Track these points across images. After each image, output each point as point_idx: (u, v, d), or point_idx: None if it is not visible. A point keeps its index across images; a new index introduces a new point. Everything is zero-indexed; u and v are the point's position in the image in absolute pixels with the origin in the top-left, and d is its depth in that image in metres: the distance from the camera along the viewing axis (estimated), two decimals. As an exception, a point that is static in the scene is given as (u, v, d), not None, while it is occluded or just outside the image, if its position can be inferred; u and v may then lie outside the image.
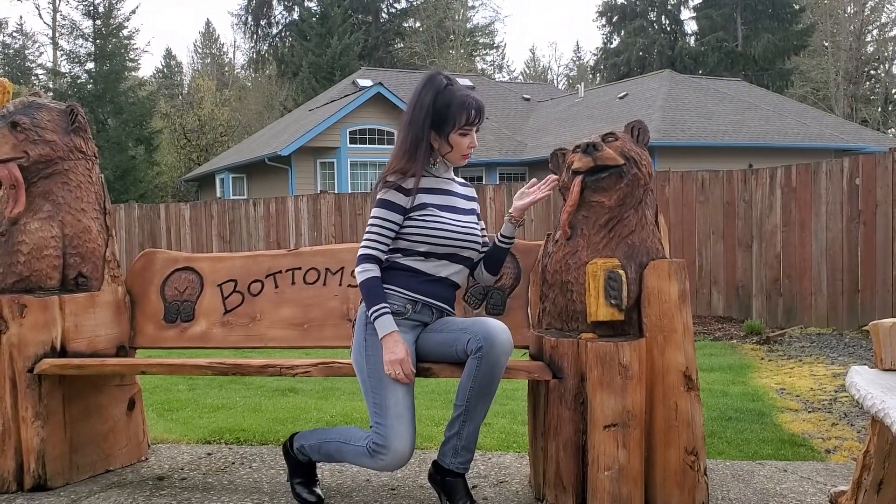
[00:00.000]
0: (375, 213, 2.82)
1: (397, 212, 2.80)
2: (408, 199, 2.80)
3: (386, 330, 2.74)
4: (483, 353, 2.67)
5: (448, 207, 2.88)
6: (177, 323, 3.59)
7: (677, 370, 2.86)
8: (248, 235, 13.14)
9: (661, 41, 41.48)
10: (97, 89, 29.03)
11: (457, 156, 2.88)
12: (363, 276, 2.79)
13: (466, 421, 2.74)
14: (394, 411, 2.72)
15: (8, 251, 3.35)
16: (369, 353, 2.79)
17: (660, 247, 2.99)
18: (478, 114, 2.84)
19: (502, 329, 2.71)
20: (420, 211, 2.81)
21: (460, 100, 2.82)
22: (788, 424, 4.49)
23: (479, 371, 2.69)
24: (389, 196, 2.80)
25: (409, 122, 2.84)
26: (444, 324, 2.88)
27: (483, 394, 2.71)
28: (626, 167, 2.93)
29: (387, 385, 2.73)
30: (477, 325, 2.74)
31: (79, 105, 3.58)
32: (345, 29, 36.63)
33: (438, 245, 2.82)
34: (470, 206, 2.98)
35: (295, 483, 3.09)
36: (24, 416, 3.23)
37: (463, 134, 2.83)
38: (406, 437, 2.71)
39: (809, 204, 8.38)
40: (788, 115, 23.72)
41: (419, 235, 2.81)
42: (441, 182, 2.91)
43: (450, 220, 2.84)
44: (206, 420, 4.57)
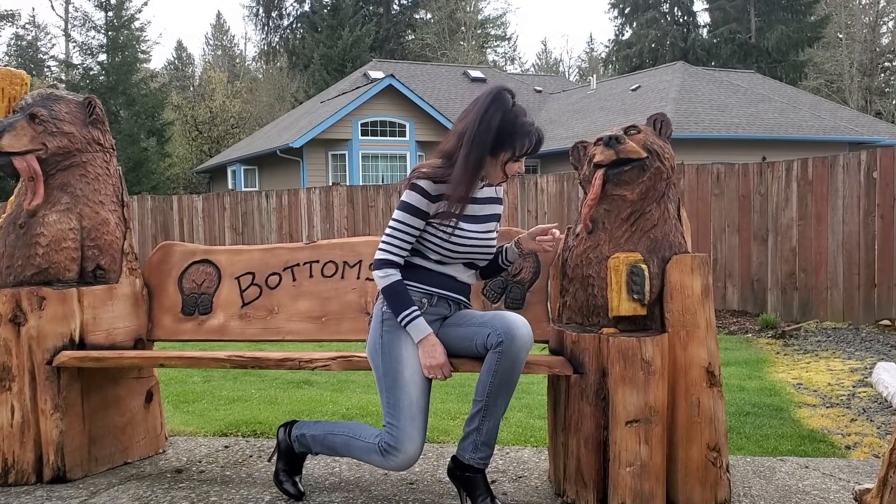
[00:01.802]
0: (398, 216, 2.77)
1: (420, 217, 2.76)
2: (433, 206, 2.76)
3: (422, 334, 2.72)
4: (503, 348, 2.65)
5: (471, 218, 2.83)
6: (194, 315, 3.59)
7: (700, 366, 2.84)
8: (260, 227, 13.15)
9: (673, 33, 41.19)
10: (109, 81, 29.11)
11: (499, 177, 2.84)
12: (386, 281, 2.75)
13: (486, 416, 2.72)
14: (407, 413, 2.70)
15: (26, 243, 3.34)
16: (385, 352, 2.77)
17: (682, 241, 2.96)
18: (538, 146, 2.80)
19: (523, 323, 2.69)
20: (440, 220, 2.77)
21: (524, 128, 2.76)
22: (807, 420, 4.46)
23: (499, 365, 2.66)
24: (415, 201, 2.75)
25: (473, 139, 2.73)
26: (463, 317, 2.86)
27: (503, 388, 2.69)
28: (648, 160, 2.89)
29: (401, 386, 2.72)
30: (497, 320, 2.71)
31: (96, 97, 3.57)
32: (356, 21, 36.57)
33: (452, 255, 2.81)
34: (491, 212, 2.92)
35: (280, 469, 3.09)
36: (44, 409, 3.23)
37: (516, 160, 2.80)
38: (417, 439, 2.71)
39: (826, 197, 8.31)
40: (802, 107, 23.55)
41: (436, 245, 2.79)
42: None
43: (468, 231, 2.80)
44: (223, 412, 4.57)
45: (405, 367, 2.73)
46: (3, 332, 3.25)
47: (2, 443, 3.25)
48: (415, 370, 2.73)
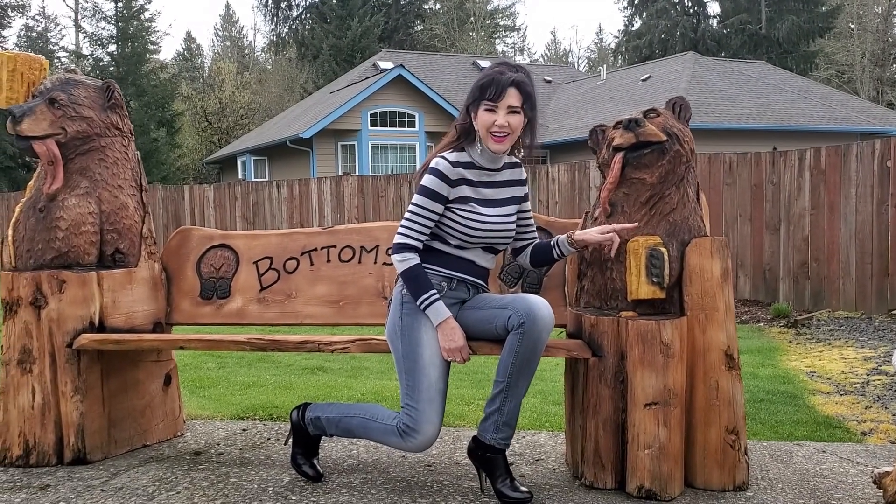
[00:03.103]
0: (417, 199, 2.78)
1: (439, 201, 2.76)
2: (451, 190, 2.76)
3: (441, 317, 2.73)
4: (525, 329, 2.66)
5: (488, 202, 2.82)
6: (213, 300, 3.61)
7: (719, 349, 2.84)
8: (271, 217, 13.18)
9: (683, 23, 40.97)
10: (119, 72, 29.16)
11: (485, 135, 2.77)
12: (405, 265, 2.76)
13: (508, 396, 2.73)
14: (426, 395, 2.72)
15: (46, 227, 3.36)
16: (404, 334, 2.79)
17: (701, 224, 2.96)
18: (497, 87, 2.71)
19: (544, 304, 2.69)
20: (461, 204, 2.77)
21: (486, 74, 2.76)
22: (821, 406, 4.46)
23: (521, 346, 2.67)
24: (434, 185, 2.75)
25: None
26: (482, 300, 2.86)
27: (524, 369, 2.70)
28: (668, 143, 2.89)
29: (421, 368, 2.73)
30: (518, 301, 2.72)
31: (114, 82, 3.58)
32: (365, 11, 36.52)
33: (471, 240, 2.81)
34: (511, 195, 2.90)
35: (297, 453, 3.10)
36: (64, 391, 3.25)
37: (487, 109, 2.74)
38: (436, 421, 2.72)
39: (839, 186, 8.28)
40: (813, 97, 23.43)
41: (454, 230, 2.79)
42: (484, 174, 2.84)
43: (487, 215, 2.80)
44: (239, 397, 4.59)
45: (424, 349, 2.74)
46: (24, 315, 3.28)
47: (23, 424, 3.28)
48: (434, 353, 2.74)
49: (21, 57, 3.53)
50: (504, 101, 2.72)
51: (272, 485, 3.05)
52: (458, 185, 2.77)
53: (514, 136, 2.78)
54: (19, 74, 3.52)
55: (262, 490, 2.99)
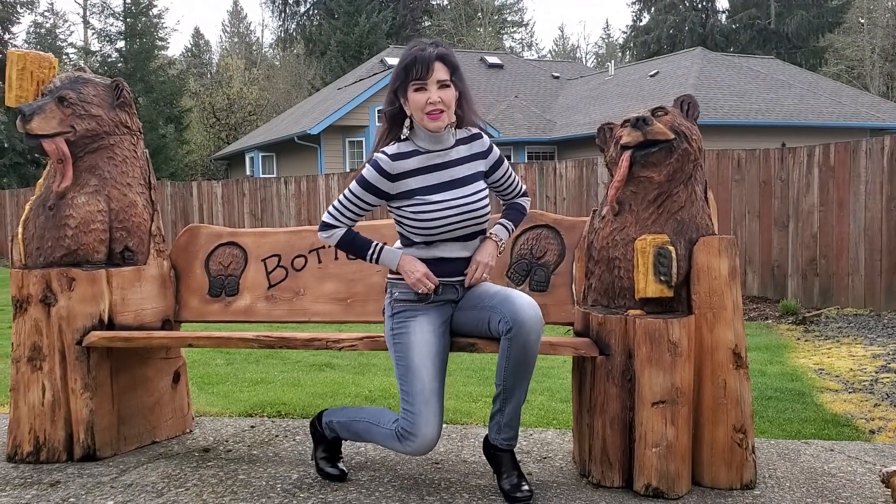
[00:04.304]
0: (352, 187, 2.77)
1: (374, 194, 2.74)
2: (391, 185, 2.73)
3: (395, 259, 2.77)
4: (512, 335, 2.65)
5: (441, 186, 2.75)
6: (221, 297, 3.62)
7: (726, 347, 2.84)
8: (279, 213, 13.21)
9: (692, 19, 40.84)
10: (128, 68, 29.25)
11: (420, 116, 2.69)
12: (334, 238, 2.80)
13: (507, 399, 2.74)
14: (421, 398, 2.72)
15: (56, 225, 3.38)
16: (396, 341, 2.81)
17: (709, 223, 2.95)
18: (423, 64, 2.65)
19: (529, 306, 2.67)
20: (408, 200, 2.74)
21: (407, 54, 2.70)
22: (830, 404, 4.45)
23: (511, 351, 2.68)
24: (370, 176, 2.73)
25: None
26: (474, 299, 2.84)
27: (519, 373, 2.70)
28: (676, 142, 2.89)
29: (413, 372, 2.74)
30: (505, 305, 2.69)
31: (123, 80, 3.59)
32: (373, 7, 36.50)
33: (434, 233, 2.76)
34: (471, 171, 2.81)
35: (319, 458, 3.11)
36: (74, 388, 3.27)
37: (418, 89, 2.68)
38: (433, 422, 2.72)
39: (848, 183, 8.25)
40: (823, 93, 23.34)
41: (412, 227, 2.77)
42: (433, 157, 2.77)
43: (439, 202, 2.73)
44: (247, 394, 4.61)
45: (414, 353, 2.75)
46: (34, 313, 3.30)
47: (33, 421, 3.30)
48: (424, 355, 2.75)
49: (31, 55, 3.55)
50: (432, 76, 2.66)
51: (280, 482, 3.06)
52: (399, 179, 2.73)
53: (450, 111, 2.72)
54: (29, 73, 3.54)
55: (271, 487, 3.00)
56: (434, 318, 2.82)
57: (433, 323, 2.81)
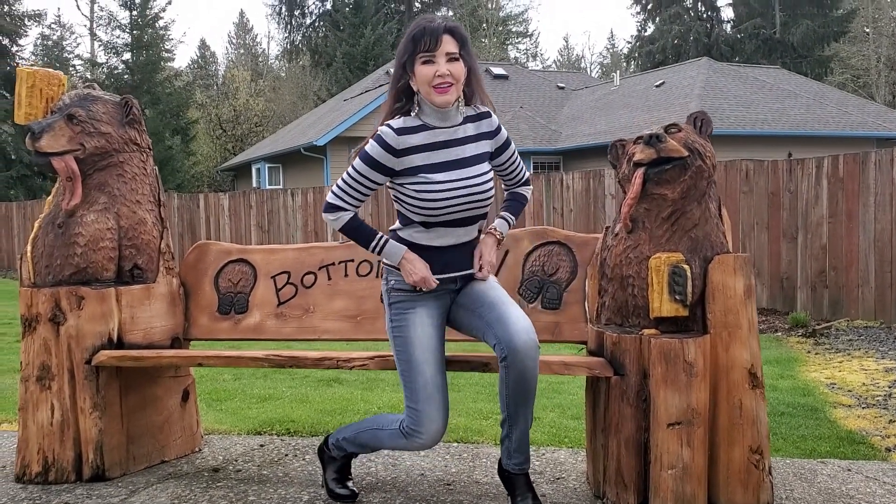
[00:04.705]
0: (356, 165, 2.65)
1: (380, 171, 2.64)
2: (396, 161, 2.63)
3: (397, 256, 2.70)
4: (508, 363, 2.60)
5: (446, 165, 2.65)
6: (230, 314, 3.60)
7: (742, 367, 2.80)
8: (286, 225, 13.21)
9: (697, 28, 40.87)
10: (134, 80, 29.36)
11: (427, 90, 2.61)
12: (340, 222, 2.71)
13: (513, 425, 2.69)
14: (423, 393, 2.67)
15: (65, 243, 3.37)
16: (396, 335, 2.75)
17: (724, 240, 2.92)
18: (432, 35, 2.56)
19: (524, 329, 2.59)
20: (411, 177, 2.63)
21: (415, 26, 2.62)
22: (843, 420, 4.40)
23: (508, 379, 2.62)
24: (375, 153, 2.63)
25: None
26: (472, 299, 2.75)
27: (520, 400, 2.64)
28: (690, 159, 2.86)
29: (414, 367, 2.69)
30: (500, 327, 2.62)
31: (133, 97, 3.58)
32: (378, 19, 36.60)
33: (435, 214, 2.65)
34: (476, 152, 2.72)
35: (329, 479, 3.07)
36: (83, 407, 3.25)
37: (426, 62, 2.58)
38: (438, 417, 2.68)
39: (857, 195, 8.21)
40: (829, 103, 23.29)
41: (412, 206, 2.65)
42: (439, 134, 2.67)
43: (443, 182, 2.62)
44: (256, 411, 4.58)
45: (415, 348, 2.69)
46: (43, 332, 3.28)
47: (42, 441, 3.27)
48: (426, 349, 2.69)
49: (40, 73, 3.54)
50: (441, 48, 2.57)
51: (290, 502, 3.03)
52: (404, 154, 2.63)
53: (459, 85, 2.63)
54: (38, 90, 3.53)
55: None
56: (433, 310, 2.76)
57: (433, 315, 2.75)
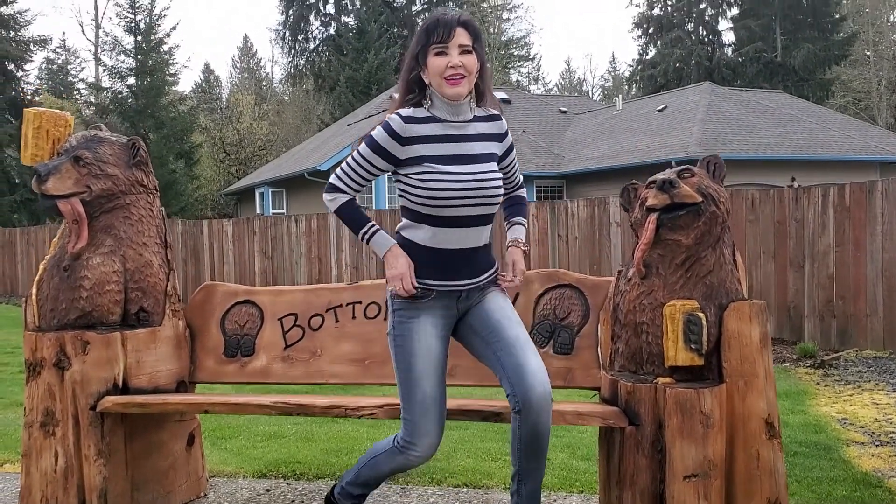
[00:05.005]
0: (361, 149, 2.64)
1: (383, 157, 2.61)
2: (401, 150, 2.59)
3: (383, 247, 2.65)
4: (521, 417, 2.56)
5: (453, 157, 2.60)
6: (237, 357, 3.56)
7: (759, 417, 2.75)
8: (289, 251, 13.18)
9: (698, 52, 41.05)
10: (138, 104, 29.49)
11: (438, 82, 2.58)
12: (335, 203, 2.69)
13: (522, 480, 2.63)
14: (420, 406, 2.63)
15: (70, 286, 3.33)
16: (397, 344, 2.68)
17: (739, 287, 2.88)
18: (445, 27, 2.55)
19: (540, 384, 2.54)
20: (416, 167, 2.59)
21: (429, 19, 2.61)
22: (857, 460, 4.34)
23: (521, 432, 2.58)
24: (380, 138, 2.61)
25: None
26: (488, 329, 2.67)
27: (531, 453, 2.60)
28: (703, 205, 2.82)
29: (413, 379, 2.64)
30: (516, 376, 2.56)
31: (140, 139, 3.56)
32: (381, 44, 36.81)
33: (440, 205, 2.58)
34: (485, 150, 2.68)
35: None
36: (87, 454, 3.20)
37: (438, 53, 2.56)
38: (433, 432, 2.64)
39: (864, 224, 8.17)
40: (832, 127, 23.32)
41: (417, 197, 2.59)
42: (448, 127, 2.63)
43: (452, 175, 2.57)
44: (261, 451, 4.52)
45: (416, 359, 2.64)
46: (48, 377, 3.24)
47: (45, 488, 3.22)
48: (426, 361, 2.64)
49: (46, 114, 3.52)
50: (454, 40, 2.55)
51: (298, 553, 2.97)
52: (410, 143, 2.59)
53: (472, 78, 2.60)
54: (44, 131, 3.51)
55: (289, 560, 2.91)
56: (437, 319, 2.68)
57: (437, 325, 2.67)
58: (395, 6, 43.42)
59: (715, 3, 42.94)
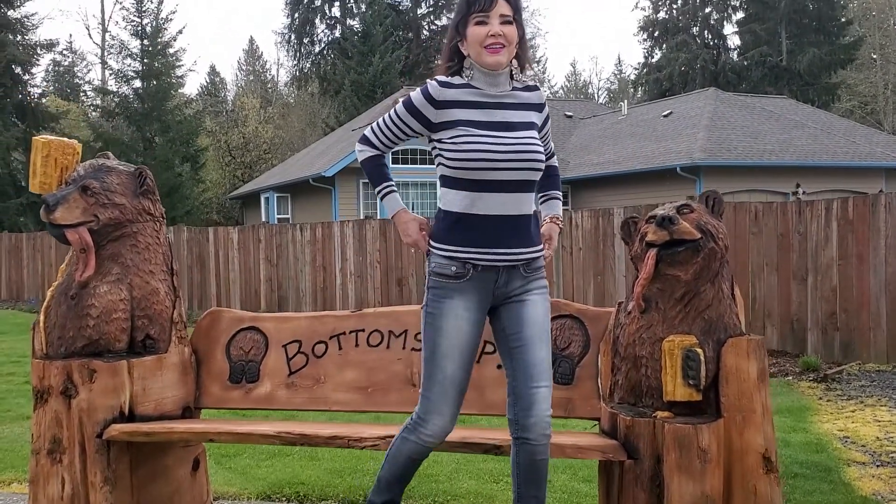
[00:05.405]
0: (397, 108, 2.71)
1: (417, 118, 2.66)
2: (436, 113, 2.63)
3: (392, 210, 2.74)
4: (520, 445, 2.63)
5: (490, 124, 2.61)
6: (242, 384, 3.60)
7: (756, 452, 2.79)
8: (294, 259, 13.23)
9: (703, 56, 41.02)
10: (145, 108, 29.56)
11: (478, 51, 2.59)
12: (363, 155, 2.80)
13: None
14: (439, 386, 2.64)
15: (78, 315, 3.38)
16: (427, 321, 2.68)
17: (737, 322, 2.91)
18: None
19: (542, 419, 2.59)
20: (450, 130, 2.61)
21: None
22: (857, 482, 4.36)
23: (519, 458, 2.65)
24: (416, 100, 2.66)
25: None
26: (518, 338, 2.65)
27: (531, 482, 2.65)
28: (702, 241, 2.86)
29: (437, 358, 2.64)
30: (522, 406, 2.60)
31: (147, 168, 3.61)
32: (386, 47, 36.86)
33: (475, 169, 2.57)
34: (526, 119, 2.68)
35: None
36: (93, 482, 3.24)
37: (479, 23, 2.58)
38: (446, 413, 2.65)
39: (867, 237, 8.19)
40: (837, 133, 23.29)
41: (453, 161, 2.60)
42: (484, 96, 2.64)
43: (489, 137, 2.57)
44: (265, 470, 4.56)
45: (443, 338, 2.64)
46: (55, 405, 3.28)
47: (52, 515, 3.27)
48: (452, 344, 2.62)
49: (55, 143, 3.57)
50: (495, 9, 2.57)
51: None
52: (445, 107, 2.62)
53: (511, 48, 2.61)
54: (53, 160, 3.55)
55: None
56: (471, 304, 2.64)
57: (470, 308, 2.64)
58: (401, 9, 43.51)
59: (720, 7, 42.92)
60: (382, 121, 2.75)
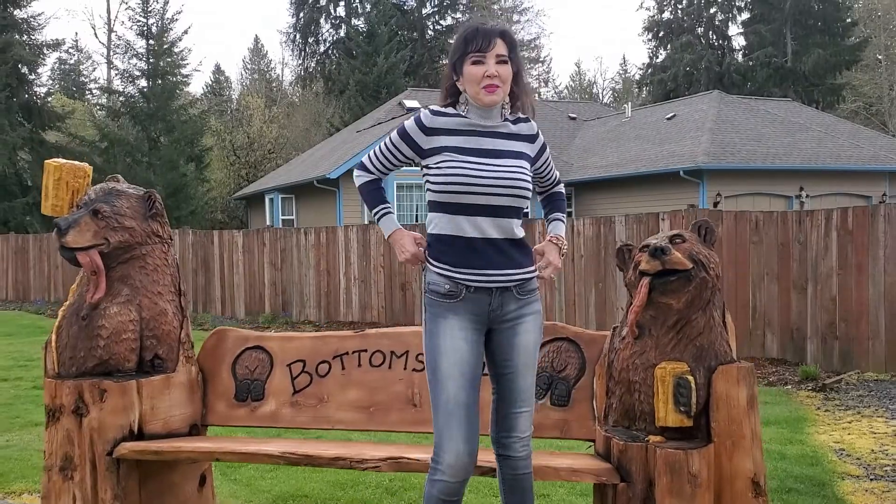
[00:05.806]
0: (391, 135, 2.81)
1: (409, 145, 2.74)
2: (425, 139, 2.71)
3: (388, 230, 2.81)
4: (502, 461, 2.79)
5: (476, 150, 2.66)
6: (247, 402, 3.70)
7: (745, 476, 2.87)
8: (298, 263, 13.34)
9: (708, 57, 41.05)
10: (150, 107, 29.67)
11: (475, 91, 2.65)
12: (359, 181, 2.91)
13: None
14: (444, 409, 2.58)
15: (88, 335, 3.48)
16: (427, 341, 2.69)
17: (728, 349, 3.00)
18: (485, 37, 2.62)
19: (520, 436, 2.75)
20: (437, 156, 2.68)
21: (468, 28, 2.69)
22: (851, 496, 4.44)
23: (503, 474, 2.81)
24: (409, 128, 2.75)
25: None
26: (507, 364, 2.73)
27: (516, 495, 2.79)
28: (694, 271, 2.95)
29: (439, 380, 2.61)
30: (504, 425, 2.77)
31: (156, 191, 3.71)
32: (391, 47, 36.96)
33: (458, 193, 2.62)
34: (515, 148, 2.73)
35: None
36: (104, 498, 3.34)
37: (476, 62, 2.63)
38: (457, 437, 2.55)
39: (867, 247, 8.26)
40: (841, 136, 23.33)
41: (439, 185, 2.65)
42: (475, 126, 2.71)
43: (472, 163, 2.63)
44: (269, 482, 4.66)
45: (443, 358, 2.62)
46: (67, 423, 3.38)
47: (63, 530, 3.37)
48: (452, 363, 2.60)
49: (66, 166, 3.68)
50: (492, 50, 2.63)
51: None
52: (434, 134, 2.70)
53: (506, 87, 2.68)
54: (64, 183, 3.66)
55: None
56: (465, 323, 2.65)
57: (464, 327, 2.64)
58: (406, 9, 43.60)
59: (725, 7, 42.94)
60: (378, 148, 2.86)
